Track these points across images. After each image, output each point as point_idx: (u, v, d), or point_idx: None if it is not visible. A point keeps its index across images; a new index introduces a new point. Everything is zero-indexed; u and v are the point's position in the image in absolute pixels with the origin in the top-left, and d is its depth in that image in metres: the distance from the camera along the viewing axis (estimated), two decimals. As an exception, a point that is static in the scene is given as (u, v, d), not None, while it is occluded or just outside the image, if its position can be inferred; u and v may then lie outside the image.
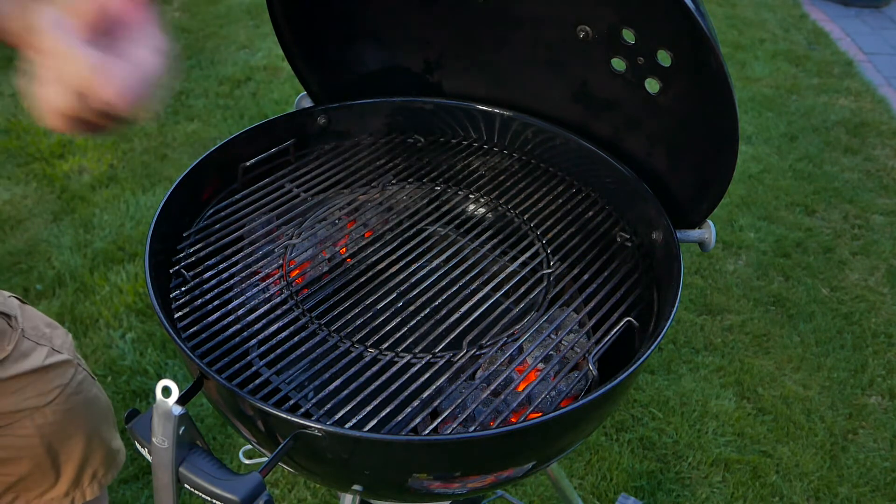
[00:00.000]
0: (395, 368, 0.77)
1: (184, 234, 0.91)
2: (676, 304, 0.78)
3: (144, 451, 0.64)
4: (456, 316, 0.82)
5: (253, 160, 1.00)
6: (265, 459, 0.66)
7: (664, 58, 0.87)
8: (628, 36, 0.89)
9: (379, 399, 0.72)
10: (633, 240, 0.95)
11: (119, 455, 1.13)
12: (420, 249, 0.93)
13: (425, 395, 0.74)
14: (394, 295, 0.85)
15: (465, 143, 1.13)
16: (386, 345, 0.80)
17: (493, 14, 1.01)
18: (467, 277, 0.87)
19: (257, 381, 0.73)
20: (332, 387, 0.74)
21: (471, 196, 1.05)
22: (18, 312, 0.95)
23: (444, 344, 0.80)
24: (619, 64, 0.93)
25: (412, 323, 0.82)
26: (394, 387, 0.74)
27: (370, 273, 0.89)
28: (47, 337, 0.97)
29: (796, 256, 2.32)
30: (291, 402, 0.74)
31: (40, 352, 0.95)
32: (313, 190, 1.01)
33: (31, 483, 1.02)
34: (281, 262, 0.90)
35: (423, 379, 0.75)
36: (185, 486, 0.62)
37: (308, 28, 1.07)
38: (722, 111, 0.79)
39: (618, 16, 0.88)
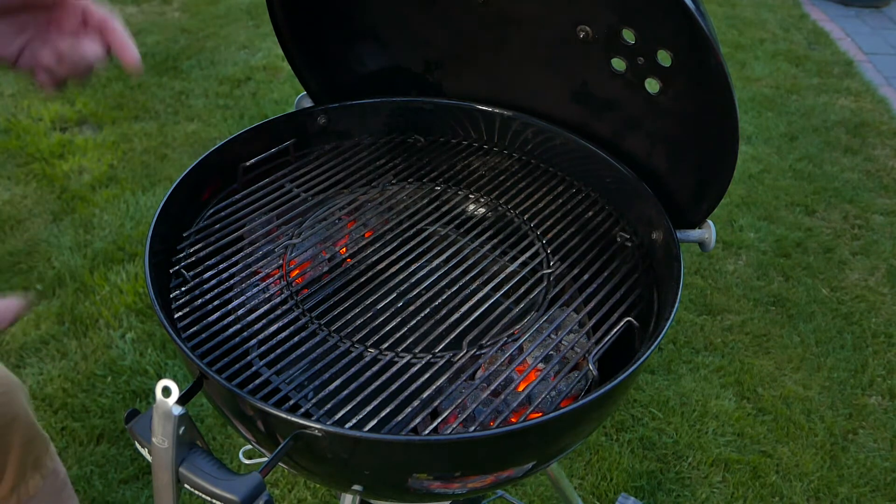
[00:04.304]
0: (395, 368, 0.77)
1: (184, 234, 0.91)
2: (676, 304, 0.78)
3: (144, 451, 0.64)
4: (456, 316, 0.82)
5: (253, 160, 1.00)
6: (265, 459, 0.66)
7: (664, 58, 0.87)
8: (628, 36, 0.89)
9: (379, 399, 0.72)
10: (633, 240, 0.95)
11: (47, 440, 1.12)
12: (420, 249, 0.93)
13: (425, 395, 0.74)
14: (394, 295, 0.85)
15: (465, 143, 1.13)
16: (386, 345, 0.80)
17: (492, 14, 1.01)
18: (467, 277, 0.87)
19: (257, 381, 0.73)
20: (332, 387, 0.74)
21: (471, 196, 1.05)
22: None
23: (444, 344, 0.80)
24: (619, 64, 0.93)
25: (412, 323, 0.82)
26: (394, 387, 0.74)
27: (370, 273, 0.89)
28: None
29: (796, 256, 2.32)
30: (291, 402, 0.74)
31: None
32: (313, 190, 1.01)
33: None
34: (281, 262, 0.90)
35: (423, 379, 0.75)
36: (185, 486, 0.62)
37: (308, 28, 1.07)
38: (722, 111, 0.79)
39: (618, 16, 0.88)
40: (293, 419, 0.64)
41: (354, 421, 0.70)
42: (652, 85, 0.91)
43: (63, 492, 1.16)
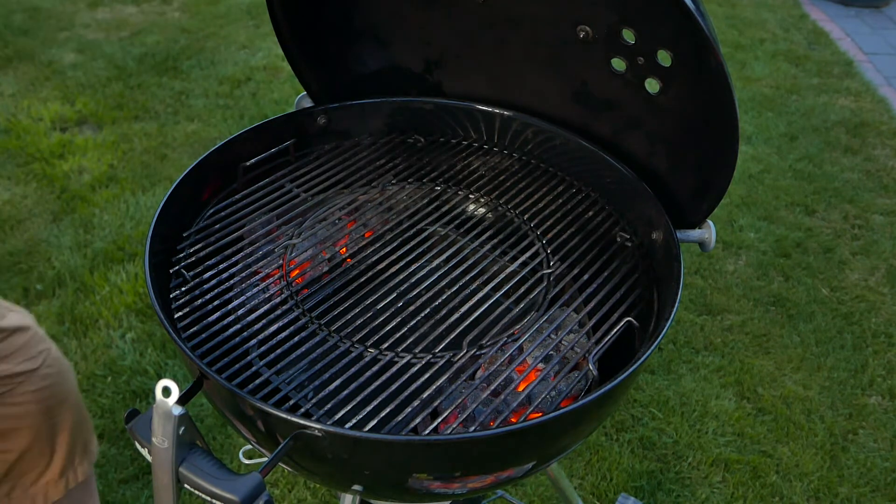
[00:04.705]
0: (395, 368, 0.77)
1: (184, 234, 0.91)
2: (676, 304, 0.78)
3: (144, 452, 0.64)
4: (456, 316, 0.82)
5: (253, 160, 1.00)
6: (265, 459, 0.66)
7: (664, 58, 0.87)
8: (628, 36, 0.89)
9: (379, 399, 0.72)
10: (633, 240, 0.95)
11: (92, 426, 1.14)
12: (420, 249, 0.93)
13: (425, 395, 0.74)
14: (394, 295, 0.85)
15: (465, 143, 1.13)
16: (386, 345, 0.80)
17: (493, 14, 1.01)
18: (467, 277, 0.87)
19: (257, 381, 0.73)
20: (332, 387, 0.74)
21: (471, 196, 1.05)
22: None
23: (444, 344, 0.80)
24: (619, 64, 0.93)
25: (412, 323, 0.82)
26: (394, 387, 0.74)
27: (370, 273, 0.89)
28: (13, 308, 1.01)
29: (796, 256, 2.32)
30: (291, 402, 0.74)
31: (14, 315, 0.99)
32: (313, 190, 1.01)
33: (29, 462, 1.03)
34: (281, 262, 0.90)
35: (423, 379, 0.75)
36: (185, 486, 0.62)
37: (308, 28, 1.07)
38: (722, 111, 0.79)
39: (618, 16, 0.88)
40: (293, 419, 0.64)
41: (354, 421, 0.70)
42: (652, 85, 0.91)
43: (91, 482, 1.17)
